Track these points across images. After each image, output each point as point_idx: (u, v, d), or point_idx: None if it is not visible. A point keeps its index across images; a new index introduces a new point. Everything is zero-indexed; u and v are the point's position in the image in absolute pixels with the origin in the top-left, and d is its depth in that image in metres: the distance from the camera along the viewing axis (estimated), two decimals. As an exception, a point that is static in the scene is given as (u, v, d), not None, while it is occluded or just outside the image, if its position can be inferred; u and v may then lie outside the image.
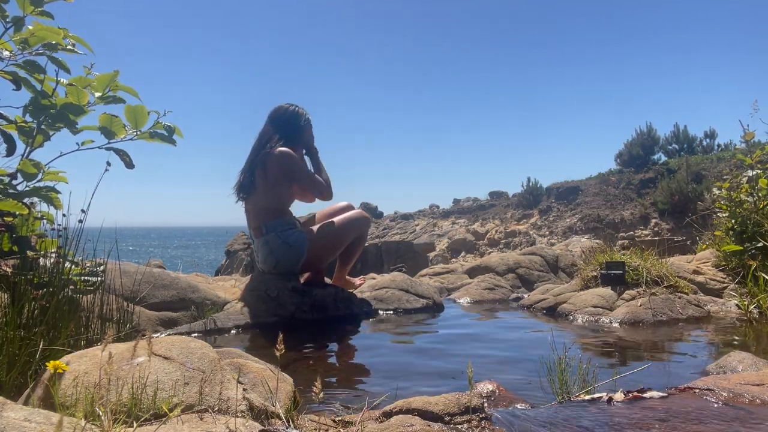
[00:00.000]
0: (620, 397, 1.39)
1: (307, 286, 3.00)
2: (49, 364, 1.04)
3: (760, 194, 3.53)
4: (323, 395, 1.56)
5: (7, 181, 1.90)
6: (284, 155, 2.97)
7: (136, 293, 2.43)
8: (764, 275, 3.04)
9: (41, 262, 1.80)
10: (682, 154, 16.97)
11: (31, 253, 1.85)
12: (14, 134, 1.96)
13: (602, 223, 14.27)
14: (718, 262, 3.68)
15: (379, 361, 2.11)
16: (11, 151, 1.93)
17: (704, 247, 4.30)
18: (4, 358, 1.34)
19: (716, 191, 4.10)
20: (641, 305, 2.85)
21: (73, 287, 1.79)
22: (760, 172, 3.58)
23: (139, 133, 2.15)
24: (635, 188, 15.27)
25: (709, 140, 17.78)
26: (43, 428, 0.89)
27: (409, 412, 1.23)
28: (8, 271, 1.80)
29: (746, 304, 2.93)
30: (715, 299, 3.21)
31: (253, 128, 3.23)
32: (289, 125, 3.11)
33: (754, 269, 3.15)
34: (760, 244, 3.32)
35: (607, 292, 3.06)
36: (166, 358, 1.20)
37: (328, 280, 3.25)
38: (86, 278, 1.91)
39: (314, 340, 2.51)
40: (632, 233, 13.24)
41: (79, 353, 1.22)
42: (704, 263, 3.75)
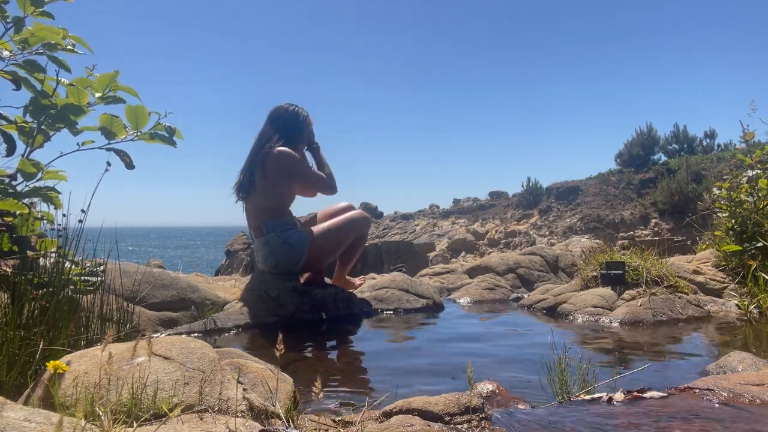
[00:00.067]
0: (620, 397, 1.39)
1: (307, 286, 3.00)
2: (49, 364, 1.04)
3: (760, 194, 3.53)
4: (323, 395, 1.56)
5: (7, 181, 1.90)
6: (283, 154, 2.98)
7: (136, 293, 2.43)
8: (764, 275, 3.04)
9: (41, 262, 1.80)
10: (682, 154, 16.97)
11: (31, 253, 1.85)
12: (14, 134, 1.96)
13: (602, 223, 14.26)
14: (718, 262, 3.68)
15: (379, 361, 2.11)
16: (11, 151, 1.93)
17: (704, 247, 4.30)
18: (4, 358, 1.34)
19: (716, 191, 4.10)
20: (641, 305, 2.85)
21: (73, 287, 1.79)
22: (760, 172, 3.58)
23: (139, 134, 2.15)
24: (635, 188, 15.26)
25: (709, 140, 17.78)
26: (43, 428, 0.89)
27: (409, 412, 1.23)
28: (8, 271, 1.80)
29: (746, 304, 2.93)
30: (715, 299, 3.21)
31: (253, 128, 3.24)
32: (288, 125, 3.12)
33: (754, 269, 3.15)
34: (760, 244, 3.32)
35: (607, 292, 3.06)
36: (166, 358, 1.20)
37: (328, 280, 3.25)
38: (86, 278, 1.91)
39: (314, 340, 2.51)
40: (632, 233, 13.24)
41: (79, 353, 1.22)
42: (704, 263, 3.75)
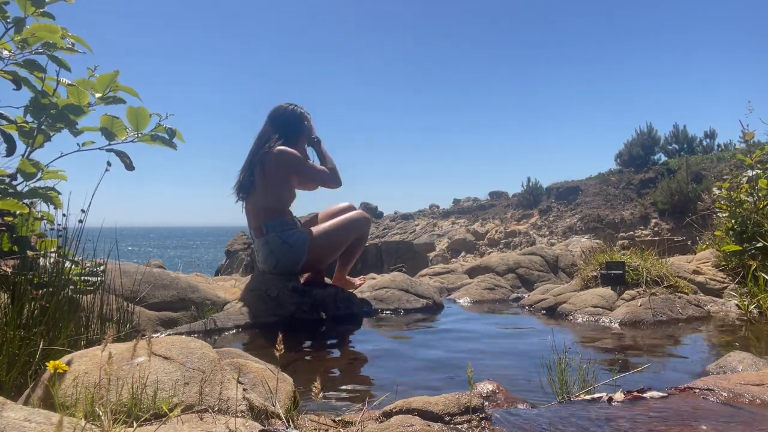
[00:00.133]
0: (620, 397, 1.39)
1: (307, 286, 3.00)
2: (49, 364, 1.04)
3: (760, 194, 3.53)
4: (323, 395, 1.56)
5: (7, 181, 1.90)
6: (283, 153, 2.98)
7: (136, 293, 2.43)
8: (764, 275, 3.04)
9: (41, 262, 1.80)
10: (682, 154, 16.97)
11: (31, 253, 1.85)
12: (14, 134, 1.96)
13: (602, 223, 14.26)
14: (718, 262, 3.68)
15: (379, 360, 2.11)
16: (11, 151, 1.93)
17: (704, 247, 4.30)
18: (4, 358, 1.34)
19: (716, 191, 4.10)
20: (641, 305, 2.85)
21: (73, 287, 1.79)
22: (760, 172, 3.58)
23: (140, 135, 2.14)
24: (635, 188, 15.26)
25: (709, 140, 17.78)
26: (43, 428, 0.89)
27: (409, 412, 1.23)
28: (8, 271, 1.80)
29: (746, 304, 2.93)
30: (715, 299, 3.21)
31: (253, 128, 3.24)
32: (288, 125, 3.13)
33: (754, 269, 3.15)
34: (760, 244, 3.32)
35: (607, 292, 3.06)
36: (166, 358, 1.20)
37: (328, 280, 3.25)
38: (86, 278, 1.91)
39: (314, 340, 2.51)
40: (632, 233, 13.24)
41: (79, 353, 1.22)
42: (704, 263, 3.75)
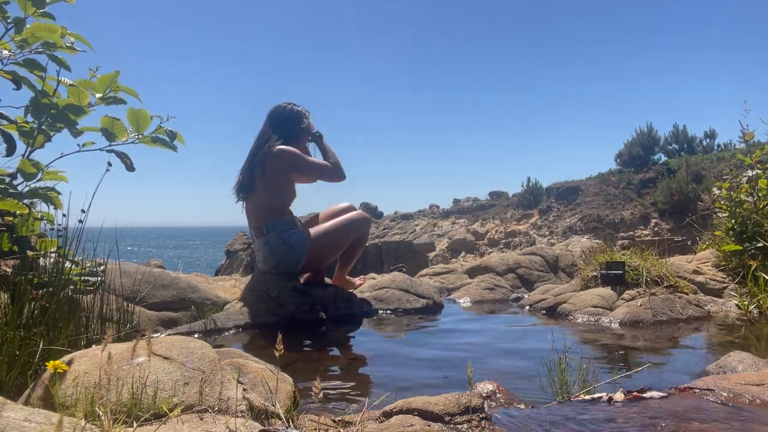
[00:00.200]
0: (620, 397, 1.39)
1: (307, 286, 3.00)
2: (49, 364, 1.04)
3: (760, 194, 3.53)
4: (323, 395, 1.56)
5: (7, 181, 1.90)
6: (283, 152, 2.99)
7: (136, 293, 2.43)
8: (764, 275, 3.04)
9: (41, 262, 1.80)
10: (682, 154, 16.96)
11: (31, 253, 1.85)
12: (14, 134, 1.96)
13: (602, 223, 14.26)
14: (718, 262, 3.68)
15: (379, 360, 2.11)
16: (11, 151, 1.93)
17: (704, 247, 4.29)
18: (4, 358, 1.34)
19: (716, 191, 4.09)
20: (641, 305, 2.85)
21: (73, 287, 1.79)
22: (760, 172, 3.58)
23: (140, 136, 2.15)
24: (635, 188, 15.26)
25: (709, 140, 17.78)
26: (43, 428, 0.89)
27: (409, 412, 1.23)
28: (8, 271, 1.80)
29: (746, 304, 2.93)
30: (715, 299, 3.21)
31: (253, 128, 3.24)
32: (286, 124, 3.13)
33: (754, 269, 3.15)
34: (760, 244, 3.32)
35: (607, 292, 3.06)
36: (166, 358, 1.20)
37: (328, 280, 3.25)
38: (86, 278, 1.91)
39: (314, 340, 2.51)
40: (632, 233, 13.24)
41: (79, 353, 1.22)
42: (704, 263, 3.74)
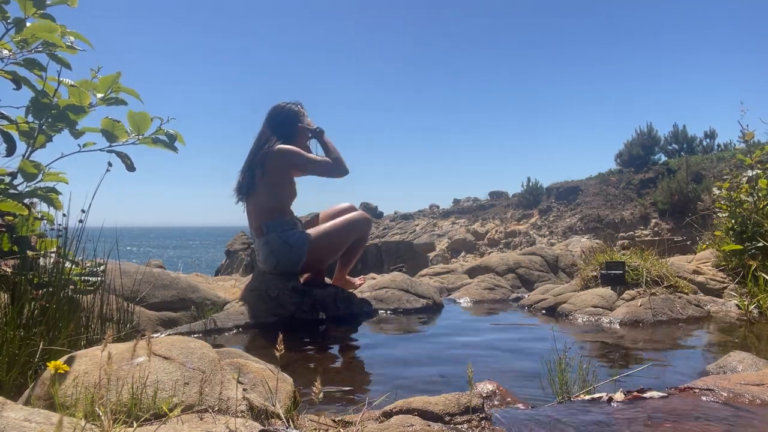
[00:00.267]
0: (620, 397, 1.39)
1: (307, 286, 3.00)
2: (49, 364, 1.04)
3: (760, 194, 3.53)
4: (323, 395, 1.56)
5: (8, 180, 1.90)
6: (283, 151, 2.99)
7: (136, 293, 2.43)
8: (764, 275, 3.04)
9: (41, 262, 1.80)
10: (682, 154, 16.96)
11: (31, 253, 1.85)
12: (14, 134, 1.96)
13: (602, 223, 14.26)
14: (718, 262, 3.68)
15: (379, 361, 2.11)
16: (11, 151, 1.93)
17: (704, 247, 4.30)
18: (4, 358, 1.34)
19: (716, 191, 4.10)
20: (641, 305, 2.85)
21: (73, 287, 1.79)
22: (760, 172, 3.58)
23: (141, 137, 2.15)
24: (635, 188, 15.26)
25: (709, 140, 17.78)
26: (43, 428, 0.89)
27: (409, 412, 1.23)
28: (8, 271, 1.80)
29: (746, 304, 2.93)
30: (715, 299, 3.21)
31: (253, 128, 3.25)
32: (286, 124, 3.13)
33: (754, 269, 3.15)
34: (760, 244, 3.32)
35: (607, 292, 3.06)
36: (166, 358, 1.20)
37: (328, 280, 3.25)
38: (86, 278, 1.91)
39: (314, 340, 2.51)
40: (632, 233, 13.23)
41: (79, 353, 1.22)
42: (704, 263, 3.74)
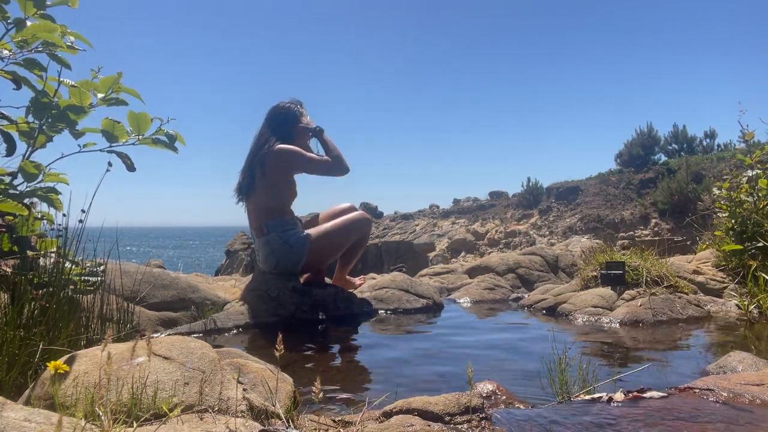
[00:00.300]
0: (620, 397, 1.39)
1: (307, 286, 3.00)
2: (49, 364, 1.04)
3: (760, 194, 3.53)
4: (323, 395, 1.56)
5: (8, 180, 1.90)
6: (282, 150, 2.99)
7: (136, 293, 2.43)
8: (764, 275, 3.04)
9: (41, 262, 1.80)
10: (682, 154, 16.96)
11: (31, 253, 1.85)
12: (14, 134, 1.96)
13: (602, 223, 14.26)
14: (718, 262, 3.68)
15: (379, 361, 2.11)
16: (11, 151, 1.93)
17: (704, 247, 4.30)
18: (4, 358, 1.34)
19: (716, 191, 4.10)
20: (641, 305, 2.85)
21: (73, 287, 1.79)
22: (760, 172, 3.58)
23: (141, 138, 2.15)
24: (635, 188, 15.26)
25: (709, 140, 17.78)
26: (43, 428, 0.89)
27: (409, 412, 1.23)
28: (8, 271, 1.80)
29: (746, 304, 2.93)
30: (715, 299, 3.21)
31: (253, 128, 3.24)
32: (285, 125, 3.13)
33: (754, 269, 3.15)
34: (760, 243, 3.32)
35: (607, 292, 3.06)
36: (166, 358, 1.20)
37: (328, 280, 3.25)
38: (86, 278, 1.91)
39: (314, 340, 2.51)
40: (632, 233, 13.23)
41: (79, 353, 1.22)
42: (704, 263, 3.74)
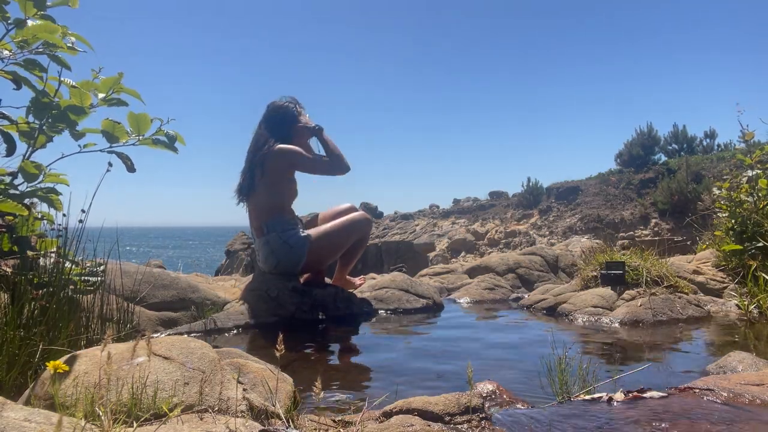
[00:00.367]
0: (620, 397, 1.39)
1: (307, 286, 3.00)
2: (49, 364, 1.04)
3: (760, 194, 3.53)
4: (323, 395, 1.56)
5: (8, 180, 1.90)
6: (283, 151, 2.99)
7: (136, 293, 2.43)
8: (764, 275, 3.04)
9: (41, 262, 1.80)
10: (682, 154, 16.96)
11: (31, 253, 1.85)
12: (14, 134, 1.96)
13: (602, 223, 14.26)
14: (718, 262, 3.68)
15: (379, 361, 2.11)
16: (11, 151, 1.93)
17: (704, 247, 4.30)
18: (4, 358, 1.34)
19: (716, 191, 4.10)
20: (641, 305, 2.85)
21: (73, 287, 1.79)
22: (760, 172, 3.58)
23: (141, 138, 2.15)
24: (635, 188, 15.26)
25: (709, 140, 17.78)
26: (43, 428, 0.89)
27: (409, 412, 1.23)
28: (8, 271, 1.80)
29: (746, 304, 2.93)
30: (715, 299, 3.21)
31: (253, 128, 3.23)
32: (283, 125, 3.11)
33: (754, 269, 3.15)
34: (760, 243, 3.32)
35: (607, 292, 3.06)
36: (166, 358, 1.20)
37: (328, 280, 3.25)
38: (86, 278, 1.91)
39: (314, 340, 2.51)
40: (632, 233, 13.24)
41: (79, 353, 1.22)
42: (704, 263, 3.74)
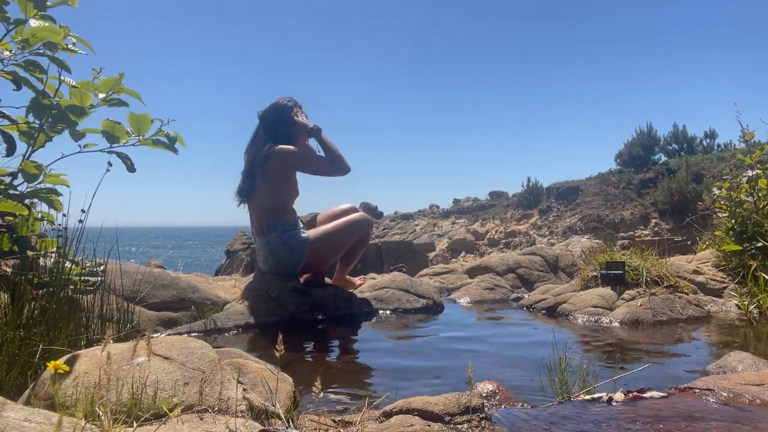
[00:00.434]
0: (620, 397, 1.39)
1: (307, 286, 3.00)
2: (49, 364, 1.04)
3: (760, 194, 3.53)
4: (323, 395, 1.56)
5: (8, 181, 1.90)
6: (283, 152, 2.99)
7: (136, 293, 2.43)
8: (764, 275, 3.04)
9: (41, 262, 1.80)
10: (682, 154, 16.96)
11: (31, 253, 1.85)
12: (14, 134, 1.96)
13: (602, 223, 14.26)
14: (718, 262, 3.68)
15: (379, 361, 2.11)
16: (11, 151, 1.93)
17: (704, 247, 4.30)
18: (4, 358, 1.34)
19: (716, 191, 4.10)
20: (641, 305, 2.85)
21: (73, 287, 1.79)
22: (760, 172, 3.58)
23: (141, 139, 2.15)
24: (635, 188, 15.26)
25: (709, 140, 17.78)
26: (43, 428, 0.89)
27: (409, 412, 1.23)
28: (8, 271, 1.80)
29: (746, 304, 2.93)
30: (715, 299, 3.21)
31: (253, 128, 3.22)
32: (281, 125, 3.10)
33: (754, 269, 3.15)
34: (760, 244, 3.32)
35: (607, 292, 3.06)
36: (166, 358, 1.20)
37: (328, 280, 3.25)
38: (86, 278, 1.91)
39: (314, 340, 2.51)
40: (632, 233, 13.23)
41: (79, 353, 1.22)
42: (704, 263, 3.75)
